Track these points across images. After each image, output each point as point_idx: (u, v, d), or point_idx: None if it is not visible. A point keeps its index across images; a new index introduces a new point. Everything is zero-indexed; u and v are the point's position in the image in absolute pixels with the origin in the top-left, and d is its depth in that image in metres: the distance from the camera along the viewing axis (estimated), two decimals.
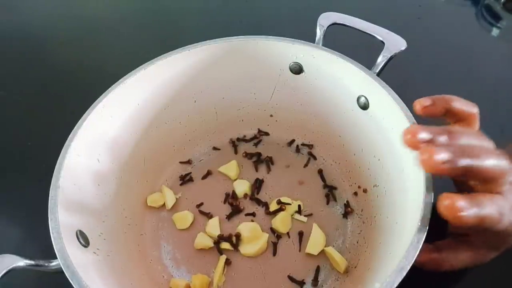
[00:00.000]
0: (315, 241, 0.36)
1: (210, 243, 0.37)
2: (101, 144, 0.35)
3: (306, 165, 0.42)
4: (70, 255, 0.26)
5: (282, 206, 0.38)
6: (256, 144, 0.44)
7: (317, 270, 0.35)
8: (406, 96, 0.32)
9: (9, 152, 0.46)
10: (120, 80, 0.36)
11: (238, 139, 0.44)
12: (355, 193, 0.39)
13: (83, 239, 0.30)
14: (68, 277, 0.25)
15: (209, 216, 0.39)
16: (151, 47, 0.42)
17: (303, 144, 0.43)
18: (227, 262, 0.36)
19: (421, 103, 0.27)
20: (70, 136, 0.33)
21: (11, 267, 0.26)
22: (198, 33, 0.52)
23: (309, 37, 0.38)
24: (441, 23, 0.55)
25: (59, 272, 0.26)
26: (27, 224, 0.41)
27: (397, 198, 0.33)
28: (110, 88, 0.36)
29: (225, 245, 0.37)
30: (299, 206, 0.38)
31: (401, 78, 0.34)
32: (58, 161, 0.32)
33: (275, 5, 0.60)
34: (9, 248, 0.27)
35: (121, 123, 0.37)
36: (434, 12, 0.57)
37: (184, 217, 0.39)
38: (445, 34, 0.53)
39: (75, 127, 0.34)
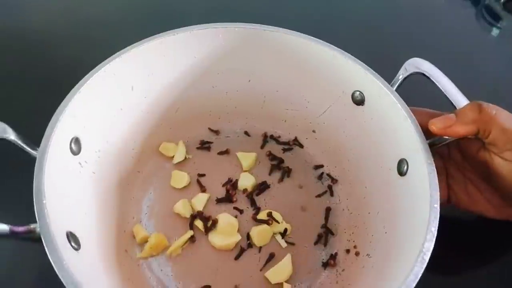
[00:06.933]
0: (279, 271, 0.34)
1: (187, 213, 0.36)
2: (141, 74, 0.36)
3: (318, 196, 0.39)
4: (49, 152, 0.27)
5: (269, 219, 0.36)
6: (284, 150, 0.42)
7: None
8: (406, 95, 0.33)
9: (9, 151, 0.42)
10: (188, 27, 0.36)
11: (271, 136, 0.42)
12: (347, 251, 0.35)
13: (76, 147, 0.31)
14: (35, 172, 0.26)
15: (202, 189, 0.38)
16: None
17: (328, 175, 0.40)
18: (192, 239, 0.35)
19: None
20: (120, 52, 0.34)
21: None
22: None
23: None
24: (441, 23, 0.55)
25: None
26: None
27: (382, 280, 0.29)
28: (177, 29, 0.36)
29: (198, 223, 0.36)
30: (285, 229, 0.36)
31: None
32: (96, 68, 0.33)
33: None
34: None
35: (170, 65, 0.37)
36: (434, 12, 0.57)
37: (181, 178, 0.39)
38: (445, 34, 0.53)
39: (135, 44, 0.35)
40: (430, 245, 0.24)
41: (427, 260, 0.24)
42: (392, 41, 0.53)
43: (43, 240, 0.24)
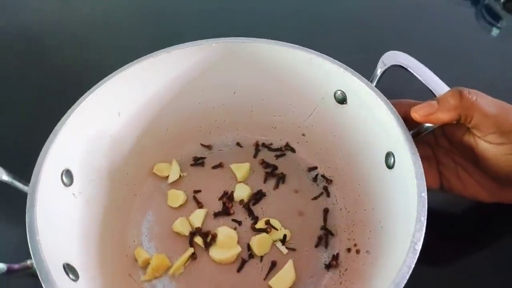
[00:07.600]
0: (283, 278, 0.34)
1: (186, 231, 0.37)
2: (126, 99, 0.36)
3: (315, 198, 0.39)
4: (39, 187, 0.28)
5: (268, 227, 0.36)
6: (277, 157, 0.42)
7: None
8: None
9: (9, 150, 0.42)
10: (166, 49, 0.37)
11: (263, 144, 0.43)
12: (348, 249, 0.35)
13: (67, 179, 0.31)
14: (26, 208, 0.27)
15: (199, 205, 0.39)
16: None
17: (323, 176, 0.40)
18: (193, 256, 0.36)
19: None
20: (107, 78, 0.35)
21: None
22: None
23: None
24: (441, 23, 0.55)
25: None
26: None
27: (380, 275, 0.29)
28: (156, 52, 0.37)
29: (198, 240, 0.36)
30: (284, 235, 0.36)
31: (400, 78, 0.33)
32: (82, 98, 0.33)
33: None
34: None
35: (153, 87, 0.38)
36: (434, 11, 0.56)
37: (177, 196, 0.39)
38: (444, 34, 0.53)
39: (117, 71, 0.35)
40: (420, 235, 0.24)
41: (418, 250, 0.24)
42: (391, 40, 0.52)
43: (39, 276, 0.24)
